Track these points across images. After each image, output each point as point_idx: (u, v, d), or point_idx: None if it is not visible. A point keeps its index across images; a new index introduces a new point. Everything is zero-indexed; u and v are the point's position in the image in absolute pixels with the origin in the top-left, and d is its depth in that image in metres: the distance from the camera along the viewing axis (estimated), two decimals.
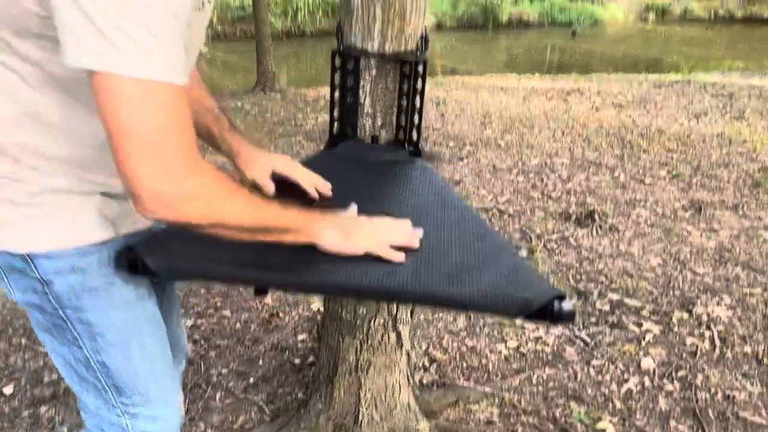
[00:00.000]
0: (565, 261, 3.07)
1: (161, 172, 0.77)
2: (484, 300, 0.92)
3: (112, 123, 0.74)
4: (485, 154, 4.82)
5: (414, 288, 0.93)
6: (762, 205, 3.81)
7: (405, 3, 1.23)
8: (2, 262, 0.94)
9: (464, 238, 1.05)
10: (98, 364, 1.03)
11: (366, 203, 1.14)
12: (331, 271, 0.95)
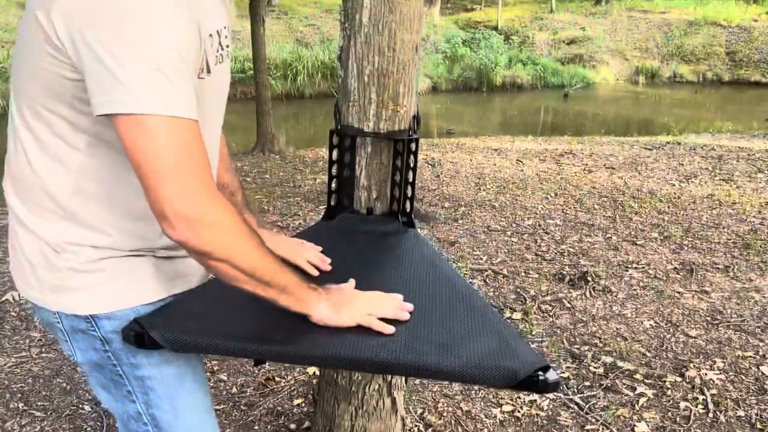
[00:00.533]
0: (559, 323, 3.11)
1: (185, 197, 0.87)
2: (474, 371, 0.97)
3: (138, 156, 0.86)
4: (480, 215, 4.91)
5: (407, 359, 0.97)
6: (752, 267, 3.87)
7: (398, 87, 1.32)
8: (66, 325, 1.03)
9: (455, 309, 1.10)
10: (149, 417, 1.09)
11: (361, 273, 1.19)
12: (328, 344, 0.99)
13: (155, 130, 0.84)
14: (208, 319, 1.00)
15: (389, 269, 1.23)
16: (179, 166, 0.86)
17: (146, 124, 0.84)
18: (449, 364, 0.97)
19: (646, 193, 5.60)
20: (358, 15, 1.27)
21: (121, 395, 1.08)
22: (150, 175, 0.86)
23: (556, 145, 8.46)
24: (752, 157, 7.39)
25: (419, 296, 1.13)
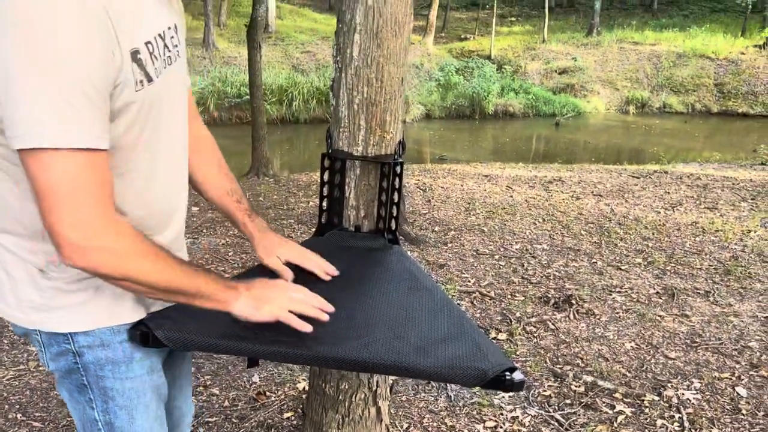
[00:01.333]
0: (543, 344, 3.20)
1: (78, 227, 0.92)
2: (448, 371, 1.07)
3: (36, 184, 0.90)
4: (469, 238, 5.02)
5: (387, 359, 1.07)
6: (732, 292, 3.98)
7: (385, 115, 1.44)
8: (44, 338, 1.09)
9: (432, 315, 1.20)
10: (105, 425, 1.15)
11: (350, 284, 1.30)
12: (316, 344, 1.09)
13: (49, 163, 0.88)
14: (207, 319, 1.10)
15: (375, 281, 1.34)
16: (72, 196, 0.90)
17: (40, 158, 0.88)
18: (426, 364, 1.07)
19: (632, 220, 5.74)
20: (348, 50, 1.39)
21: (84, 401, 1.14)
22: (44, 204, 0.90)
23: (546, 172, 8.62)
24: (736, 186, 7.55)
25: (402, 305, 1.23)
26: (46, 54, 0.86)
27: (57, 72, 0.87)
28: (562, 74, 21.26)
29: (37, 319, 1.07)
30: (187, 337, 1.08)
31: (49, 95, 0.87)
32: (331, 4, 30.12)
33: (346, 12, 1.38)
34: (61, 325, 1.07)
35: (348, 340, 1.10)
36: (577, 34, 24.91)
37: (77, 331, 1.07)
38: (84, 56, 0.89)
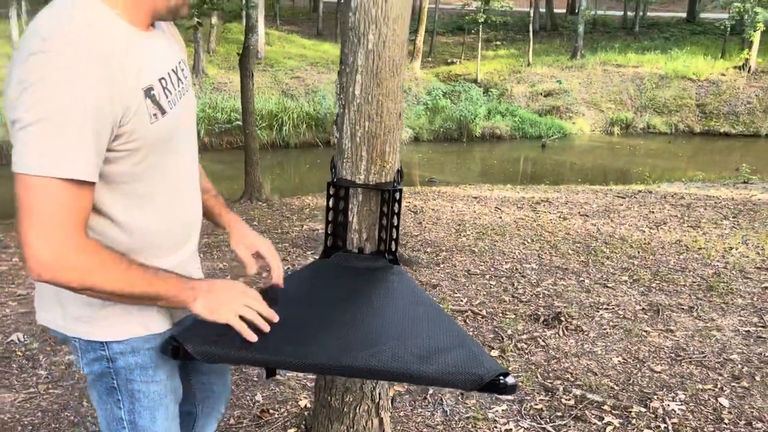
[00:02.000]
0: (534, 360, 3.32)
1: (45, 245, 1.03)
2: (447, 377, 1.19)
3: (18, 204, 1.03)
4: (460, 259, 5.15)
5: (393, 367, 1.19)
6: (715, 307, 4.13)
7: (384, 147, 1.58)
8: (83, 344, 1.24)
9: (432, 328, 1.33)
10: (129, 423, 1.30)
11: (355, 302, 1.42)
12: (330, 355, 1.22)
13: (28, 186, 1.02)
14: (231, 334, 1.22)
15: (378, 299, 1.46)
16: (43, 218, 1.02)
17: (24, 181, 1.02)
18: (429, 371, 1.19)
19: (618, 239, 5.90)
20: (351, 88, 1.54)
21: (111, 401, 1.28)
22: (21, 222, 1.03)
23: (533, 193, 8.80)
24: (719, 204, 7.76)
25: (404, 319, 1.36)
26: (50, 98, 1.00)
27: (54, 118, 1.00)
28: (547, 97, 21.63)
29: (79, 328, 1.21)
30: (214, 350, 1.20)
31: (42, 131, 1.00)
32: (319, 30, 30.52)
33: (348, 55, 1.53)
34: (100, 335, 1.21)
35: (358, 351, 1.23)
36: (562, 57, 25.37)
37: (113, 340, 1.22)
38: (81, 103, 1.02)
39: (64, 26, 1.04)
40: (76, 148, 1.03)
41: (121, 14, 1.12)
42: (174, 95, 1.21)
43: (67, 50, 1.02)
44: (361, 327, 1.32)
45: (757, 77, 21.44)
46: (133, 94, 1.10)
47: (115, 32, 1.10)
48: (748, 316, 3.99)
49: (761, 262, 5.18)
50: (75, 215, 1.06)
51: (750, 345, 3.55)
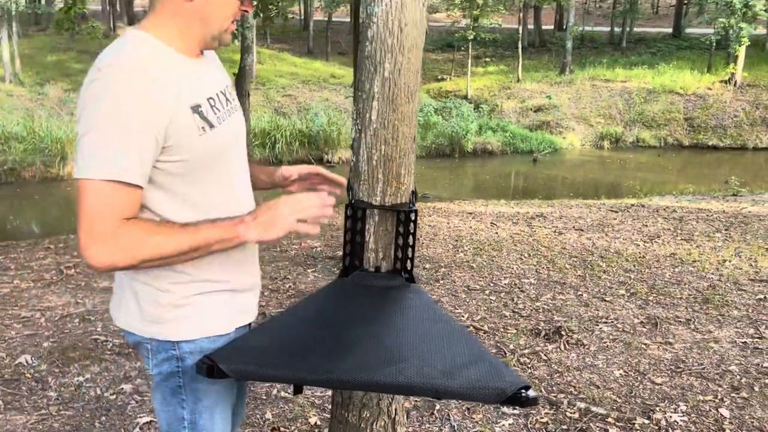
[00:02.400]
0: (537, 374, 3.37)
1: (92, 241, 1.18)
2: (471, 391, 1.24)
3: (80, 205, 1.18)
4: (459, 275, 5.20)
5: (418, 382, 1.24)
6: (711, 319, 4.20)
7: (400, 169, 1.63)
8: (155, 345, 1.34)
9: (452, 343, 1.38)
10: (189, 423, 1.38)
11: (374, 321, 1.47)
12: (357, 371, 1.26)
13: (83, 189, 1.18)
14: (263, 354, 1.27)
15: (399, 317, 1.51)
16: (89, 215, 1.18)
17: (80, 184, 1.18)
18: (455, 386, 1.24)
19: (613, 253, 5.98)
20: (368, 114, 1.60)
21: (175, 401, 1.38)
22: (78, 220, 1.19)
23: (528, 208, 8.88)
24: (710, 217, 7.87)
25: (424, 337, 1.41)
26: (100, 113, 1.17)
27: (106, 131, 1.17)
28: (537, 112, 21.86)
29: (154, 329, 1.32)
30: (247, 368, 1.25)
31: (96, 145, 1.18)
32: (310, 48, 30.72)
33: (365, 82, 1.59)
34: (172, 335, 1.32)
35: (384, 367, 1.27)
36: (551, 72, 25.67)
37: (185, 339, 1.32)
38: (126, 117, 1.17)
39: (117, 57, 1.22)
40: (119, 154, 1.18)
41: (175, 48, 1.28)
42: (222, 113, 1.35)
43: (116, 74, 1.19)
44: (384, 344, 1.37)
45: (744, 91, 21.79)
46: (181, 111, 1.24)
47: (165, 60, 1.26)
48: (744, 327, 4.06)
49: (755, 274, 5.26)
50: (117, 212, 1.19)
51: (747, 356, 3.61)
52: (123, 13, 33.80)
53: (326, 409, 2.92)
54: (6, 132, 13.78)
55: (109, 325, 3.90)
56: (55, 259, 5.85)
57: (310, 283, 4.96)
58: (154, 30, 1.27)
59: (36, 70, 22.03)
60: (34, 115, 16.10)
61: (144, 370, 3.26)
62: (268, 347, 1.30)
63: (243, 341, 1.34)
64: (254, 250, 1.50)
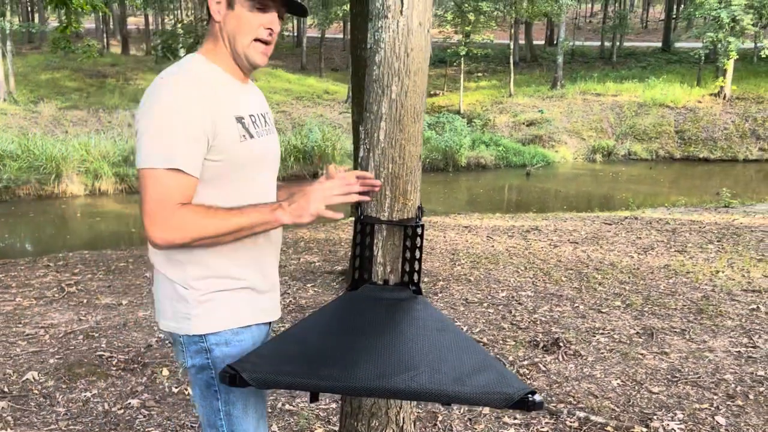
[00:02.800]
0: (536, 384, 3.43)
1: (154, 219, 1.37)
2: (480, 397, 1.31)
3: (144, 193, 1.38)
4: (457, 288, 5.27)
5: (431, 388, 1.31)
6: (706, 329, 4.27)
7: (407, 186, 1.71)
8: (186, 340, 1.48)
9: (461, 352, 1.45)
10: (225, 414, 1.51)
11: (384, 332, 1.54)
12: (371, 379, 1.33)
13: (144, 177, 1.38)
14: (281, 363, 1.34)
15: (407, 327, 1.58)
16: (149, 200, 1.37)
17: (142, 173, 1.38)
18: (465, 392, 1.31)
19: (608, 265, 6.06)
20: (376, 134, 1.67)
21: (209, 394, 1.52)
22: (143, 206, 1.38)
23: (523, 221, 8.97)
24: (703, 229, 7.97)
25: (434, 346, 1.47)
26: (158, 112, 1.38)
27: (165, 126, 1.38)
28: (529, 126, 22.05)
29: (185, 325, 1.47)
30: (267, 377, 1.32)
31: (157, 139, 1.37)
32: (303, 64, 30.92)
33: (373, 104, 1.67)
34: (201, 328, 1.47)
35: (397, 375, 1.34)
36: (542, 87, 25.92)
37: (209, 332, 1.46)
38: (180, 116, 1.38)
39: (177, 70, 1.45)
40: (176, 147, 1.37)
41: (224, 69, 1.52)
42: (261, 130, 1.56)
43: (175, 81, 1.42)
44: (395, 353, 1.44)
45: (733, 104, 22.07)
46: (226, 118, 1.45)
47: (216, 77, 1.49)
48: (738, 337, 4.13)
49: (747, 284, 5.35)
50: (175, 197, 1.38)
51: (742, 365, 3.68)
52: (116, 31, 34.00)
53: (331, 421, 2.97)
54: (0, 150, 13.81)
55: (114, 341, 3.94)
56: (55, 276, 5.89)
57: (309, 297, 5.02)
58: (206, 53, 1.52)
59: (30, 89, 22.10)
60: (28, 133, 16.15)
61: (149, 386, 3.30)
62: (285, 357, 1.36)
63: (262, 351, 1.41)
64: (272, 253, 1.63)
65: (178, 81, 1.42)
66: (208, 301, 1.48)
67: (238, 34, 1.49)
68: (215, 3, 1.48)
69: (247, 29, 1.48)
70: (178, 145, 1.37)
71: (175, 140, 1.37)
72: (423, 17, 1.62)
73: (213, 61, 1.51)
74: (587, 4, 49.00)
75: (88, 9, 8.46)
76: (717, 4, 21.66)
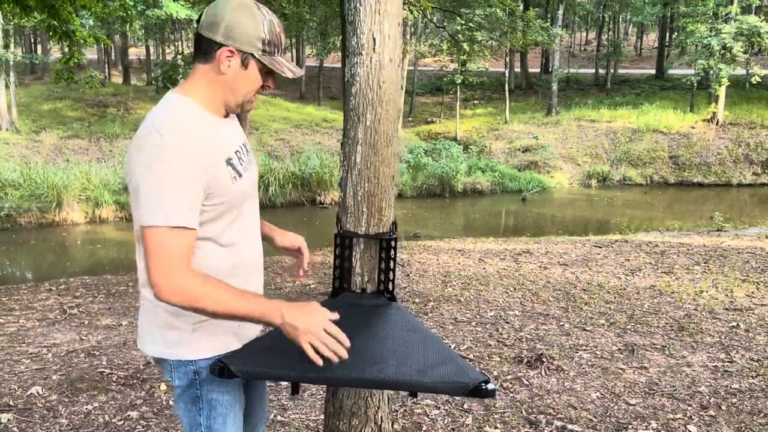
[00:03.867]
0: (519, 397, 3.58)
1: (163, 274, 1.43)
2: (440, 386, 1.49)
3: (145, 247, 1.45)
4: (447, 308, 5.43)
5: (396, 378, 1.49)
6: (686, 346, 4.43)
7: (381, 203, 1.90)
8: (175, 364, 1.60)
9: (425, 348, 1.63)
10: (206, 428, 1.63)
11: (362, 331, 1.72)
12: (345, 370, 1.51)
13: (152, 234, 1.44)
14: (266, 357, 1.52)
15: (380, 328, 1.76)
16: (162, 255, 1.43)
17: (150, 230, 1.44)
18: (426, 381, 1.49)
19: (596, 286, 6.23)
20: (353, 157, 1.88)
21: (194, 409, 1.62)
22: (148, 260, 1.45)
23: (515, 245, 9.16)
24: (691, 251, 8.15)
25: (402, 343, 1.65)
26: (161, 175, 1.43)
27: (165, 185, 1.43)
28: (525, 152, 22.35)
29: (176, 351, 1.59)
30: (253, 369, 1.50)
31: (159, 198, 1.43)
32: (302, 93, 31.38)
33: (350, 130, 1.87)
34: (188, 355, 1.58)
35: (368, 367, 1.52)
36: (537, 114, 26.31)
37: (200, 358, 1.58)
38: (179, 172, 1.44)
39: (166, 118, 1.49)
40: (177, 203, 1.44)
41: (205, 108, 1.56)
42: (245, 164, 1.64)
43: (170, 136, 1.45)
44: (368, 350, 1.61)
45: (726, 129, 22.39)
46: (219, 165, 1.53)
47: (202, 119, 1.54)
48: (716, 352, 4.29)
49: (729, 303, 5.52)
50: (180, 253, 1.45)
51: (718, 378, 3.84)
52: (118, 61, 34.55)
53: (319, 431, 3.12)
54: (2, 179, 14.04)
55: (114, 359, 4.10)
56: (57, 299, 6.06)
57: None
58: (193, 96, 1.55)
59: (32, 118, 22.44)
60: (30, 162, 16.41)
61: (147, 400, 3.45)
62: (270, 352, 1.54)
63: (249, 347, 1.59)
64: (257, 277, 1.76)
65: (173, 137, 1.45)
66: (198, 329, 1.58)
67: (242, 89, 1.56)
68: (226, 58, 1.51)
69: (253, 87, 1.57)
70: (178, 201, 1.43)
71: (178, 196, 1.43)
72: (393, 54, 1.84)
73: (201, 103, 1.55)
74: (581, 33, 49.83)
75: (91, 41, 8.75)
76: (708, 32, 22.13)
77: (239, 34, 1.50)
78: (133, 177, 1.46)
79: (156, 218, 1.42)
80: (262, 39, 1.52)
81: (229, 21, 1.49)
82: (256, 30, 1.51)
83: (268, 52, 1.54)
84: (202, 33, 1.52)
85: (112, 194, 14.17)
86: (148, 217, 1.43)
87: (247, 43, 1.51)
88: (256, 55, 1.52)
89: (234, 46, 1.51)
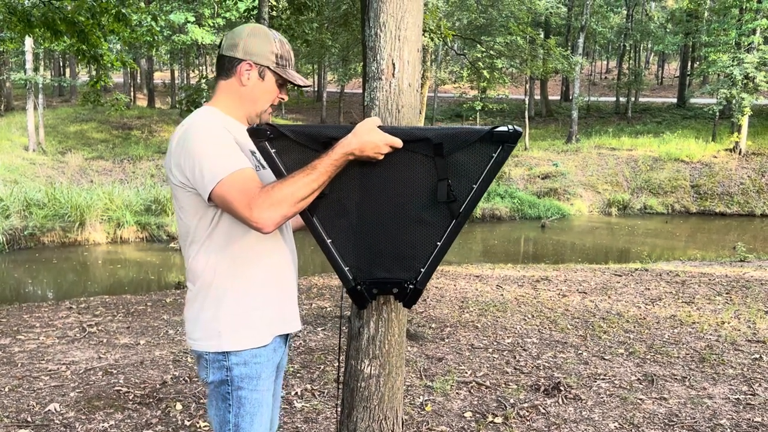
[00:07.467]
0: (535, 426, 3.54)
1: (248, 209, 1.57)
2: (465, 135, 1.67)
3: (227, 200, 1.59)
4: (464, 334, 5.40)
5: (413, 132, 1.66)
6: (707, 377, 4.35)
7: None
8: (211, 357, 1.71)
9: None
10: (233, 426, 1.73)
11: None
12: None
13: (224, 184, 1.59)
14: (297, 134, 1.71)
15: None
16: (243, 194, 1.58)
17: (221, 183, 1.60)
18: (435, 132, 1.70)
19: (615, 315, 6.15)
20: None
21: (224, 407, 1.73)
22: (236, 207, 1.59)
23: (533, 272, 9.09)
24: (712, 281, 8.04)
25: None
26: (207, 145, 1.64)
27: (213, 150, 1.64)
28: (545, 179, 22.27)
29: (214, 342, 1.70)
30: (286, 132, 1.70)
31: (213, 160, 1.63)
32: (323, 118, 31.67)
33: None
34: (223, 346, 1.70)
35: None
36: (557, 141, 26.26)
37: (232, 350, 1.69)
38: (223, 139, 1.67)
39: (196, 119, 1.71)
40: (228, 156, 1.63)
41: (231, 115, 1.79)
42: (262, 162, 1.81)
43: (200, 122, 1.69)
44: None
45: (749, 159, 22.16)
46: (245, 150, 1.73)
47: (227, 121, 1.76)
48: (738, 385, 4.21)
49: (752, 335, 5.42)
50: (249, 184, 1.60)
51: (740, 411, 3.76)
52: (143, 85, 35.21)
53: None
54: (28, 198, 14.28)
55: (131, 378, 4.12)
56: (77, 318, 6.12)
57: (319, 341, 5.17)
58: (217, 105, 1.79)
59: (58, 140, 22.89)
60: (55, 183, 16.69)
61: (162, 419, 3.46)
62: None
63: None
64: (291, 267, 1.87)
65: (206, 119, 1.70)
66: (232, 323, 1.70)
67: (260, 100, 1.81)
68: (246, 71, 1.77)
69: (269, 98, 1.83)
70: (228, 155, 1.63)
71: (225, 153, 1.63)
72: (412, 78, 1.87)
73: (223, 110, 1.79)
74: (602, 61, 49.85)
75: (118, 65, 8.96)
76: (730, 62, 22.03)
77: (256, 50, 1.77)
78: (187, 162, 1.63)
79: (219, 174, 1.59)
80: (275, 54, 1.79)
81: (246, 41, 1.77)
82: (270, 46, 1.78)
83: (281, 65, 1.80)
84: (224, 53, 1.79)
85: (134, 215, 14.33)
86: (212, 178, 1.60)
87: (263, 57, 1.77)
88: (272, 67, 1.79)
89: (252, 60, 1.77)
